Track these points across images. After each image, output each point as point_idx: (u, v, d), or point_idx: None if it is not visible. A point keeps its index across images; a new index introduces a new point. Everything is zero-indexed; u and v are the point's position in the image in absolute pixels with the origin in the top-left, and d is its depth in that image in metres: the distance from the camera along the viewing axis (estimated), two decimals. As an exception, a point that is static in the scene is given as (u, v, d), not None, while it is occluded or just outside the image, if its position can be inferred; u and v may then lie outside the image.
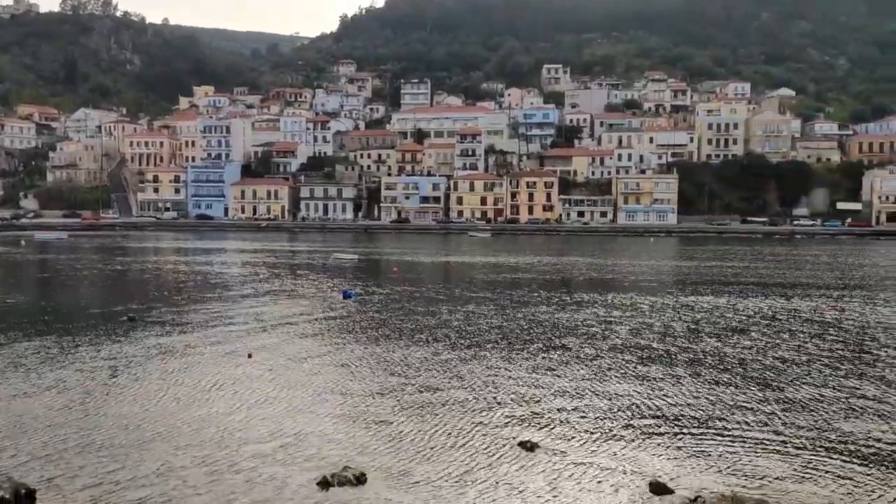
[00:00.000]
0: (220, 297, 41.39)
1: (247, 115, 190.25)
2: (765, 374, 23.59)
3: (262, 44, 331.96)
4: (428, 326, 31.75)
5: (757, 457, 16.05)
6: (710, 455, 16.15)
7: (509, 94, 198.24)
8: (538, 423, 18.20)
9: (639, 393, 21.13)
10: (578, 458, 15.86)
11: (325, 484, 14.33)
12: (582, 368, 24.04)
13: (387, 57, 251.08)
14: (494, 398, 20.41)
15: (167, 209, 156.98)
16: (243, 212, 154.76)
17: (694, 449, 16.53)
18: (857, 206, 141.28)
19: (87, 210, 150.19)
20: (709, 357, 26.04)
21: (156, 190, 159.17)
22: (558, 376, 22.94)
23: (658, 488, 14.18)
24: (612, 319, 33.96)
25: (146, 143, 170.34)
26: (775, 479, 14.86)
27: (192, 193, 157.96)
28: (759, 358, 25.98)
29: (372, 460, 15.62)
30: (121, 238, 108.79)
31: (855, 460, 15.90)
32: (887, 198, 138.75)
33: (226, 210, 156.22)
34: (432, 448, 16.45)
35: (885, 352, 27.25)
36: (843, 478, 14.93)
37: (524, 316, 34.77)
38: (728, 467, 15.44)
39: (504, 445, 16.62)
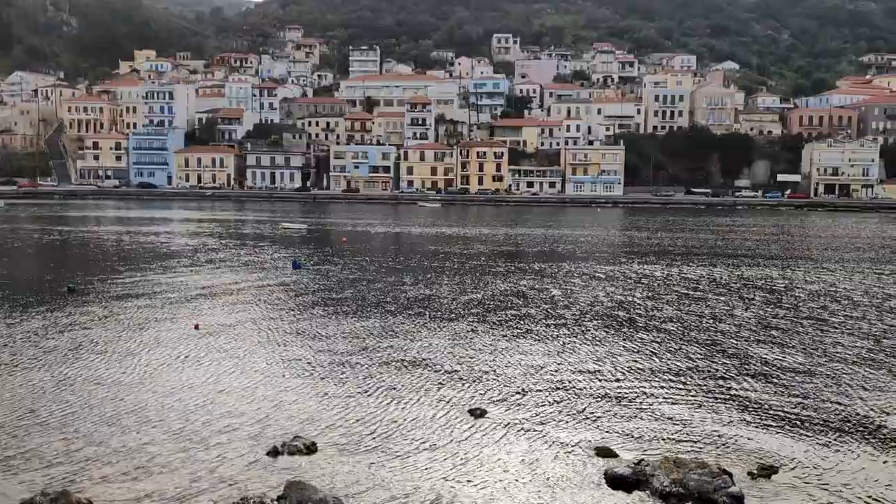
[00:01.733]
0: (164, 267, 40.61)
1: (190, 81, 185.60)
2: (711, 340, 24.25)
3: (206, 7, 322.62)
4: (378, 297, 31.75)
5: (699, 420, 16.56)
6: (654, 419, 16.60)
7: (459, 64, 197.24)
8: (488, 391, 18.44)
9: (586, 360, 21.54)
10: (526, 425, 16.15)
11: (274, 453, 14.31)
12: (532, 337, 24.39)
13: (335, 23, 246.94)
14: (445, 367, 20.59)
15: (108, 177, 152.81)
16: (188, 180, 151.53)
17: (639, 414, 16.97)
18: (797, 177, 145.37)
19: (23, 177, 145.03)
20: (656, 324, 26.65)
21: (96, 157, 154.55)
22: (509, 345, 23.23)
23: (603, 452, 14.54)
24: (562, 289, 34.43)
25: (85, 109, 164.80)
26: (716, 441, 15.37)
27: (133, 161, 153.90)
28: (706, 325, 26.68)
29: (322, 430, 15.65)
30: (59, 207, 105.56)
31: (795, 421, 16.53)
32: (825, 170, 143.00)
33: (169, 178, 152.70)
34: (382, 416, 16.56)
35: (834, 317, 28.24)
36: (783, 437, 15.52)
37: (475, 286, 35.01)
38: (672, 431, 15.90)
39: (454, 413, 16.82)
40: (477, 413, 16.73)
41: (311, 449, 14.48)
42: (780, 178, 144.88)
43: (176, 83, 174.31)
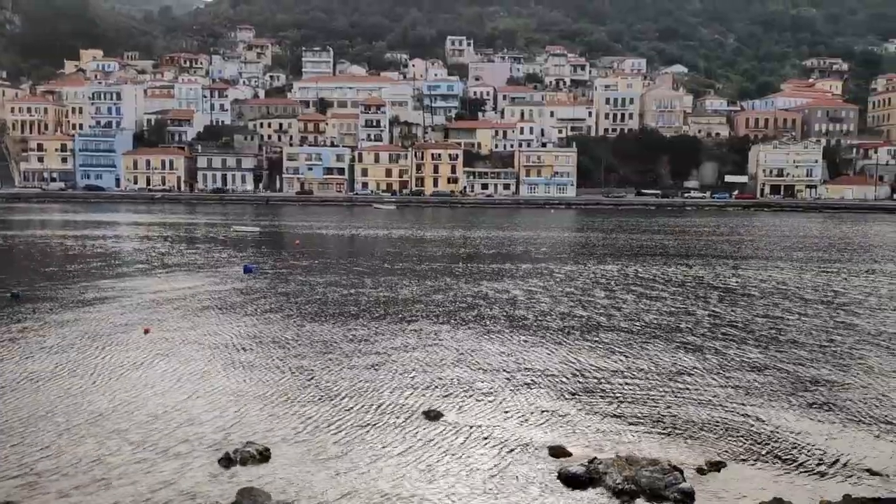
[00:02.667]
0: (113, 272, 39.74)
1: (139, 81, 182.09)
2: (665, 337, 24.66)
3: (155, 6, 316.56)
4: (332, 300, 31.56)
5: (652, 418, 16.84)
6: (608, 418, 16.83)
7: (413, 65, 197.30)
8: (443, 393, 18.48)
9: (541, 360, 21.73)
10: (482, 426, 16.23)
11: (227, 461, 14.12)
12: (489, 338, 24.50)
13: (287, 24, 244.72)
14: (401, 370, 20.56)
15: (53, 180, 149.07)
16: (136, 183, 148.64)
17: (594, 412, 17.18)
18: (744, 178, 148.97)
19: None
20: (612, 324, 27.00)
21: (40, 159, 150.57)
22: (466, 346, 23.30)
23: (557, 452, 14.70)
24: (519, 290, 34.66)
25: (29, 110, 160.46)
26: (668, 437, 15.66)
27: (80, 163, 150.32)
28: (661, 323, 27.10)
29: (276, 436, 15.50)
30: (2, 210, 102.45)
31: (744, 416, 16.92)
32: (770, 171, 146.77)
33: (117, 181, 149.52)
34: (336, 421, 16.47)
35: (787, 315, 28.96)
36: (732, 433, 15.87)
37: (432, 288, 35.04)
38: (625, 429, 16.15)
39: (409, 416, 16.81)
40: (432, 415, 16.75)
41: (264, 455, 14.33)
42: (728, 179, 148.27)
43: (124, 83, 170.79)
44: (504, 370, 20.68)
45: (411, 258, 48.00)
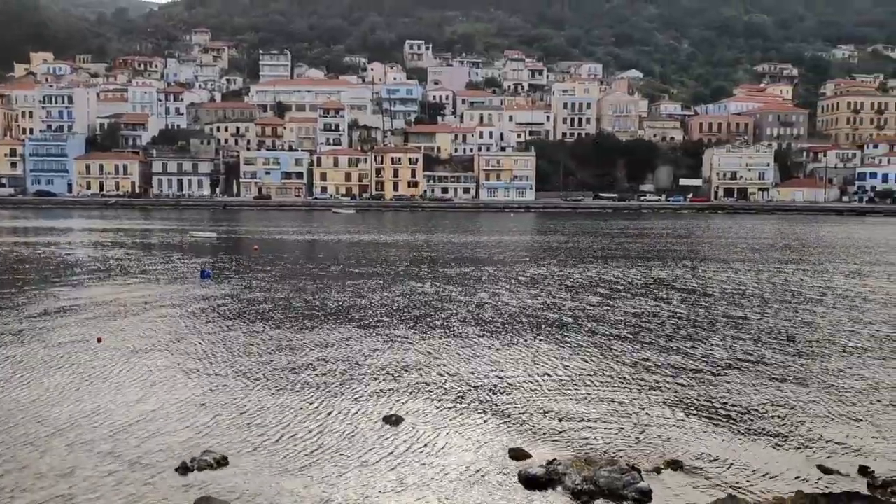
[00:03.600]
0: (65, 279, 38.85)
1: (91, 85, 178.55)
2: (625, 339, 24.94)
3: (108, 8, 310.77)
4: (291, 305, 31.28)
5: (611, 418, 17.02)
6: (568, 419, 16.96)
7: (372, 69, 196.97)
8: (403, 397, 18.44)
9: (501, 362, 21.81)
10: (441, 429, 16.23)
11: (183, 469, 13.89)
12: (449, 341, 24.52)
13: (243, 27, 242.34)
14: (361, 374, 20.47)
15: (2, 185, 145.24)
16: (89, 188, 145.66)
17: (553, 414, 17.30)
18: (698, 182, 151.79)
19: None
20: (572, 325, 27.22)
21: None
22: (425, 350, 23.29)
23: (517, 454, 14.77)
24: (479, 294, 34.75)
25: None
26: (626, 438, 15.84)
27: (31, 168, 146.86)
28: (621, 325, 27.41)
29: (234, 444, 15.30)
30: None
31: (702, 416, 17.20)
32: (724, 174, 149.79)
33: (70, 186, 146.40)
34: (296, 428, 16.32)
35: (747, 314, 29.49)
36: (690, 432, 16.12)
37: (392, 293, 34.96)
38: (585, 429, 16.28)
39: (369, 421, 16.74)
40: (392, 420, 16.70)
41: (221, 463, 14.13)
42: (683, 182, 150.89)
43: (76, 87, 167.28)
44: (465, 373, 20.72)
45: (372, 262, 47.85)
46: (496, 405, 17.99)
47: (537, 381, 19.99)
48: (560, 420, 16.97)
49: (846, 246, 65.18)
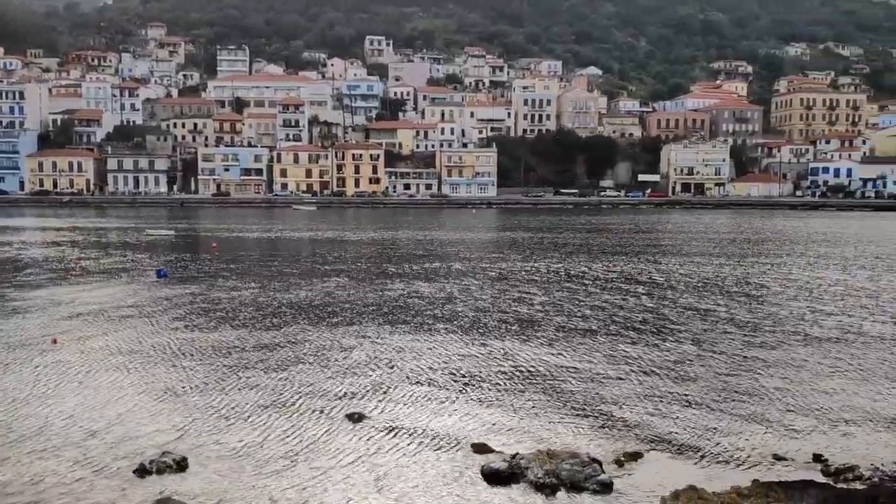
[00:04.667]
0: (18, 279, 37.89)
1: (43, 80, 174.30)
2: (587, 334, 25.14)
3: (60, 2, 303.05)
4: (251, 304, 30.94)
5: (573, 411, 17.17)
6: (531, 413, 17.06)
7: (332, 65, 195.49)
8: (366, 395, 18.37)
9: (465, 357, 21.85)
10: (404, 426, 16.21)
11: (142, 471, 13.65)
12: (411, 338, 24.49)
13: (200, 22, 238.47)
14: (323, 372, 20.34)
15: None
16: (42, 185, 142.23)
17: (516, 408, 17.39)
18: (656, 177, 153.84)
19: None
20: (535, 320, 27.38)
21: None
22: (388, 346, 23.22)
23: (480, 448, 14.82)
24: (443, 290, 34.76)
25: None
26: (588, 430, 16.00)
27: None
28: (586, 319, 27.64)
29: (193, 444, 15.09)
30: None
31: (661, 408, 17.44)
32: (681, 170, 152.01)
33: (21, 184, 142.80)
34: (256, 427, 16.15)
35: (708, 307, 29.93)
36: (649, 424, 16.33)
37: (353, 291, 34.79)
38: (547, 423, 16.40)
39: (331, 419, 16.64)
40: (355, 418, 16.63)
41: (181, 464, 13.91)
42: (641, 178, 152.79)
43: (27, 82, 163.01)
44: (428, 369, 20.72)
45: (335, 260, 47.56)
46: (459, 400, 18.02)
47: (501, 376, 20.07)
48: (523, 414, 17.06)
49: (802, 239, 66.70)
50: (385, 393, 18.57)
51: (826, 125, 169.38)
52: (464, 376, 20.08)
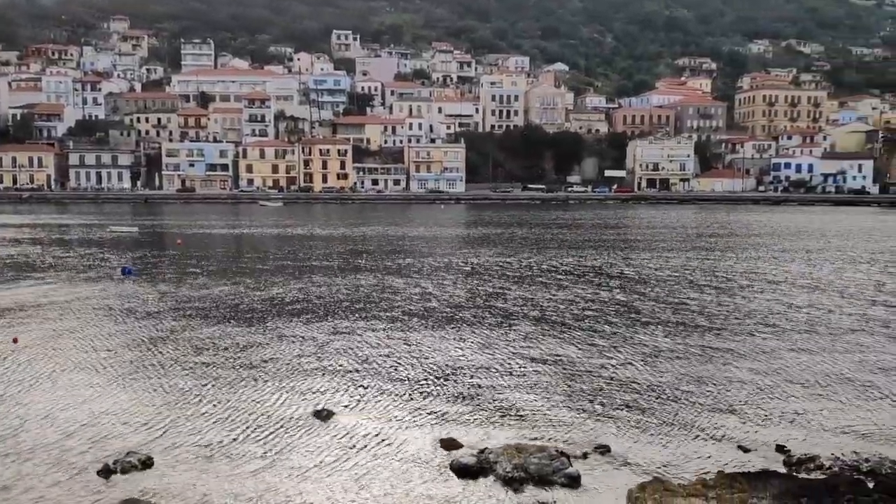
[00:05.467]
0: (-25, 277, 37.03)
1: (2, 74, 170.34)
2: (556, 327, 25.29)
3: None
4: (217, 301, 30.62)
5: (542, 406, 17.28)
6: (499, 407, 17.13)
7: (299, 59, 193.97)
8: (335, 392, 18.30)
9: (433, 353, 21.87)
10: (373, 423, 16.18)
11: (106, 472, 13.44)
12: (380, 333, 24.43)
13: (164, 15, 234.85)
14: (289, 370, 20.21)
15: None
16: (1, 182, 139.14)
17: (484, 403, 17.45)
18: (622, 173, 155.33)
19: None
20: (505, 314, 27.47)
21: None
22: (357, 343, 23.15)
23: (448, 444, 14.85)
24: (412, 286, 34.72)
25: None
26: (556, 424, 16.11)
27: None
28: (555, 313, 27.79)
29: (159, 444, 14.90)
30: None
31: (628, 401, 17.62)
32: (647, 165, 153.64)
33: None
34: (224, 426, 16.01)
35: (678, 300, 30.27)
36: (617, 417, 16.50)
37: (323, 286, 34.61)
38: (516, 418, 16.49)
39: (299, 417, 16.55)
40: (323, 415, 16.56)
41: (146, 464, 13.73)
42: (608, 173, 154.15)
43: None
44: (398, 364, 20.70)
45: (304, 257, 47.25)
46: (428, 396, 18.04)
47: (470, 371, 20.12)
48: (492, 408, 17.13)
49: (767, 233, 67.86)
50: (355, 389, 18.51)
51: (788, 121, 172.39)
52: (434, 371, 20.11)
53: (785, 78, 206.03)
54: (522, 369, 20.36)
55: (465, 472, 13.57)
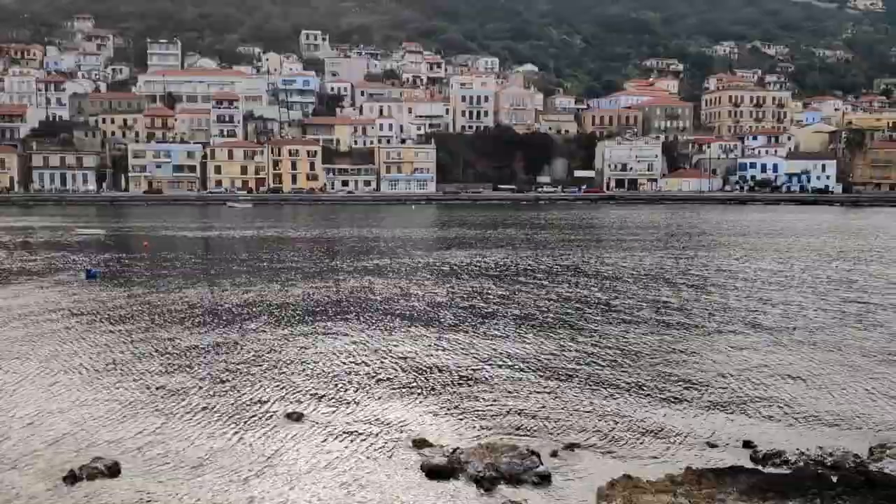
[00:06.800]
0: (-66, 281, 36.20)
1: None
2: (528, 326, 25.38)
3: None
4: (184, 304, 30.26)
5: (512, 405, 17.33)
6: (471, 407, 17.16)
7: (267, 59, 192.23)
8: (307, 393, 18.19)
9: (405, 353, 21.82)
10: (345, 424, 16.12)
11: (72, 478, 13.22)
12: (353, 335, 24.32)
13: (130, 14, 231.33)
14: (260, 373, 20.04)
15: None
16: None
17: (456, 403, 17.47)
18: (591, 173, 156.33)
19: None
20: (476, 314, 27.51)
21: None
22: (328, 345, 23.03)
23: (420, 444, 14.84)
24: (386, 287, 34.61)
25: None
26: (527, 423, 16.17)
27: None
28: (525, 312, 27.86)
29: (127, 450, 14.68)
30: None
31: (596, 398, 17.74)
32: (615, 166, 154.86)
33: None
34: (194, 430, 15.83)
35: (649, 297, 30.53)
36: (586, 414, 16.61)
37: (293, 288, 34.38)
38: (487, 417, 16.52)
39: (270, 420, 16.43)
40: (294, 417, 16.45)
41: (113, 470, 13.53)
42: (577, 174, 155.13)
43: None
44: (367, 365, 20.63)
45: (276, 259, 46.88)
46: (401, 396, 18.01)
47: (441, 371, 20.12)
48: (463, 408, 17.16)
49: (736, 232, 68.83)
50: (327, 391, 18.42)
51: (753, 122, 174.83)
52: (408, 371, 20.08)
53: (750, 79, 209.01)
54: (495, 368, 20.42)
55: (436, 472, 13.57)
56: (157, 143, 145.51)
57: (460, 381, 19.26)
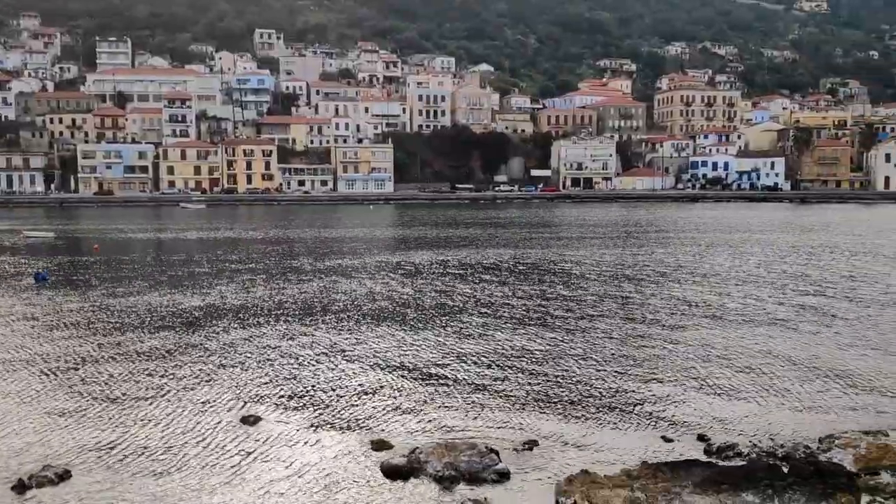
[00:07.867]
0: None
1: None
2: (488, 324, 25.44)
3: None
4: (135, 308, 29.66)
5: (471, 405, 17.36)
6: (429, 406, 17.14)
7: (221, 58, 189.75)
8: (261, 396, 17.97)
9: (363, 354, 21.71)
10: (303, 427, 15.97)
11: (21, 487, 12.85)
12: (305, 337, 24.12)
13: (79, 12, 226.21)
14: (215, 376, 19.74)
15: None
16: None
17: (415, 402, 17.44)
18: (548, 172, 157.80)
19: None
20: (433, 313, 27.50)
21: None
22: (284, 345, 22.80)
23: (379, 445, 14.78)
24: (337, 289, 34.40)
25: None
26: (486, 422, 16.23)
27: None
28: (485, 311, 27.94)
29: (78, 456, 14.33)
30: None
31: (554, 397, 17.88)
32: (571, 165, 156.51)
33: None
34: (147, 435, 15.51)
35: (607, 294, 30.81)
36: (544, 413, 16.72)
37: (250, 291, 33.95)
38: (446, 417, 16.52)
39: (226, 423, 16.19)
40: (250, 421, 16.24)
41: (63, 477, 13.20)
42: (534, 173, 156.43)
43: None
44: (323, 367, 20.48)
45: (232, 261, 46.25)
46: (358, 397, 17.91)
47: (401, 370, 20.07)
48: (422, 408, 17.13)
49: (690, 228, 70.09)
50: (285, 393, 18.22)
51: (704, 121, 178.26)
52: (360, 371, 19.97)
53: (701, 79, 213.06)
54: (453, 366, 20.44)
55: (395, 472, 13.52)
56: (108, 143, 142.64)
57: (420, 380, 19.24)
